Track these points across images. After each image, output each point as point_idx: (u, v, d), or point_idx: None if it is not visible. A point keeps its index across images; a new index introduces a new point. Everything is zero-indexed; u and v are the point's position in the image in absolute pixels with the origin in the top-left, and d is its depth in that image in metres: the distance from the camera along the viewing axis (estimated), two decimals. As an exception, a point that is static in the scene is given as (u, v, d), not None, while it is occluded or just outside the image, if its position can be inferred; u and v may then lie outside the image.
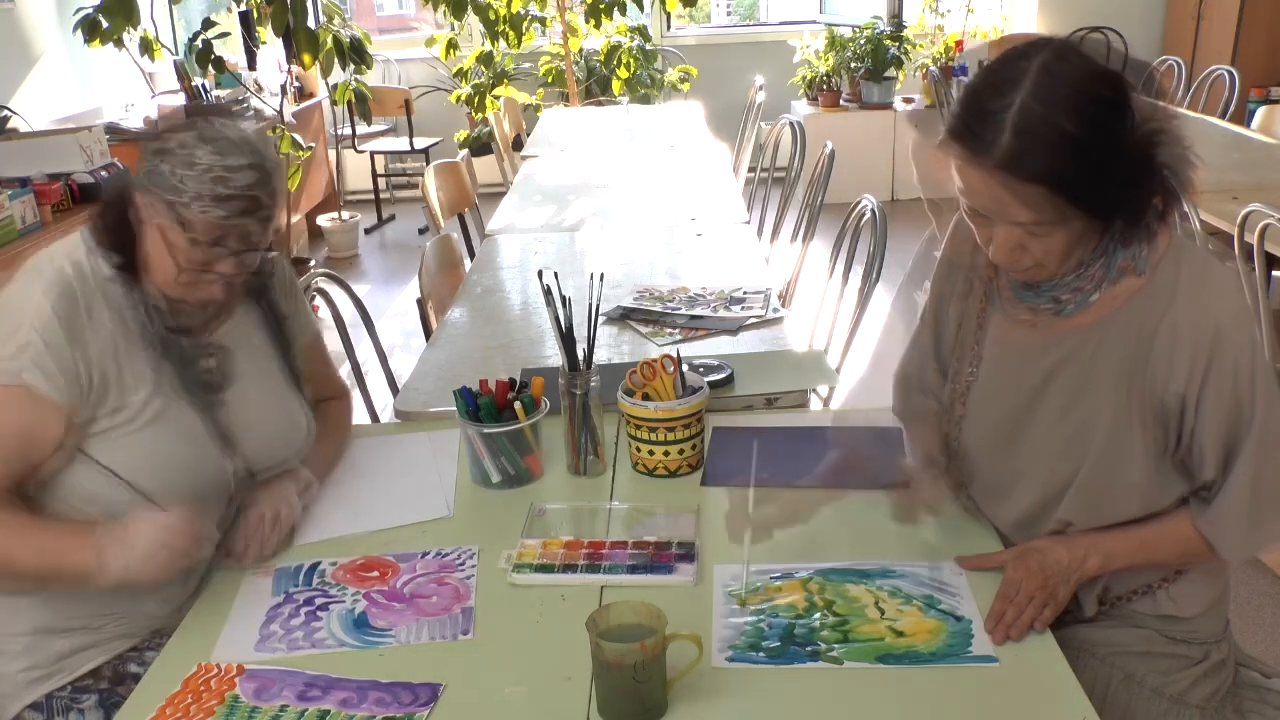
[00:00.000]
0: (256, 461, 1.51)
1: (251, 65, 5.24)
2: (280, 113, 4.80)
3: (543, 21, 5.88)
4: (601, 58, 6.21)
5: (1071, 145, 1.09)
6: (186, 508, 1.33)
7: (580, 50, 6.34)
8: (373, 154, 6.44)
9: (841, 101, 6.54)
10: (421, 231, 6.21)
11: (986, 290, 1.38)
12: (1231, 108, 4.78)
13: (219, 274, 1.36)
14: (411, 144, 6.29)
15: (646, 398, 1.61)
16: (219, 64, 4.29)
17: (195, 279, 1.36)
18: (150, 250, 1.36)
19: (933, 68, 6.33)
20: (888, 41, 6.28)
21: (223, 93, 5.06)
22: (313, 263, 5.44)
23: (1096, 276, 1.23)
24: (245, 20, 4.77)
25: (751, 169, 4.46)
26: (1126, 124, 1.12)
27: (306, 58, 4.04)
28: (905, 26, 6.48)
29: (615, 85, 6.09)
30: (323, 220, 5.99)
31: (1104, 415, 1.25)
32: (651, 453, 1.60)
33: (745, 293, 2.41)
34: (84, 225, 1.42)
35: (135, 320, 1.38)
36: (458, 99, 5.96)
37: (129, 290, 1.38)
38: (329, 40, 4.29)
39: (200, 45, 4.23)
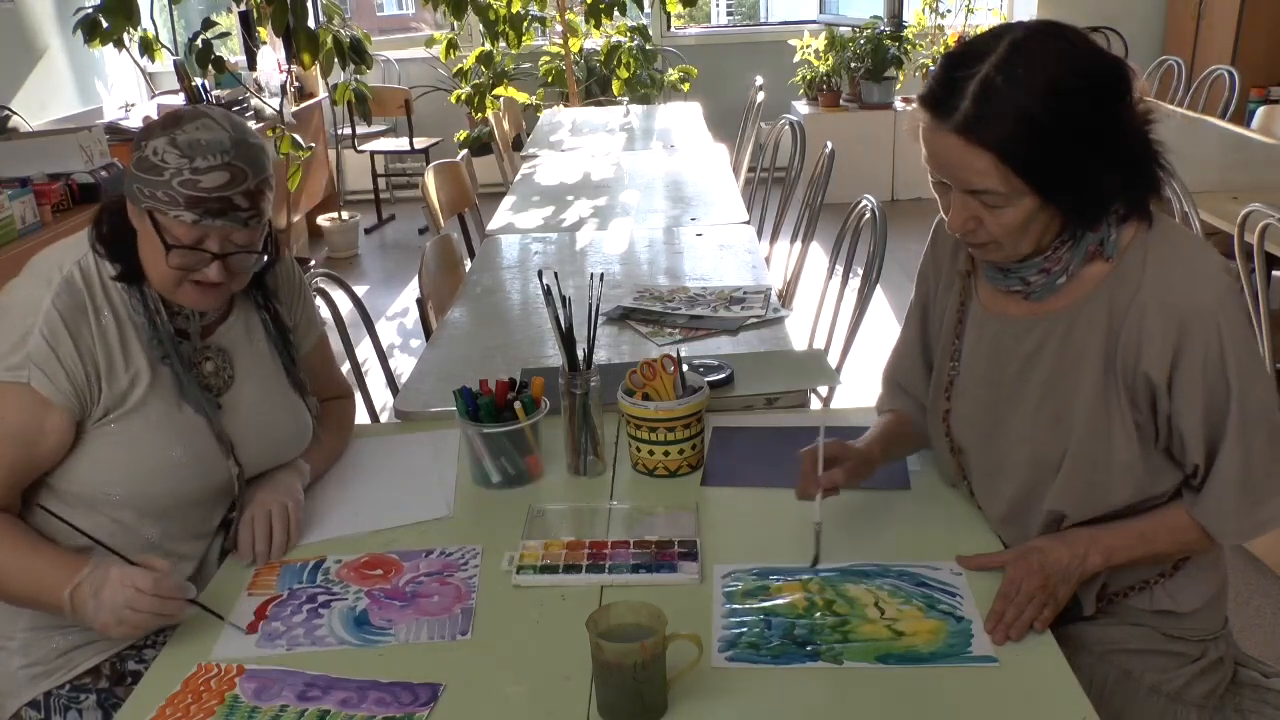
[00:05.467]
0: (258, 464, 1.52)
1: (251, 65, 5.25)
2: (280, 113, 4.80)
3: (543, 21, 5.88)
4: (601, 58, 6.21)
5: (1025, 121, 1.12)
6: (178, 523, 1.38)
7: (580, 50, 6.34)
8: (373, 154, 6.44)
9: (841, 101, 6.53)
10: (421, 231, 6.21)
11: (964, 285, 1.41)
12: (1231, 108, 4.78)
13: (206, 278, 1.36)
14: (411, 144, 6.29)
15: (646, 398, 1.61)
16: (219, 64, 4.29)
17: (183, 280, 1.36)
18: (143, 254, 1.38)
19: (933, 67, 6.33)
20: (888, 41, 6.28)
21: (223, 93, 5.07)
22: (313, 263, 5.45)
23: (1063, 260, 1.25)
24: (245, 20, 4.78)
25: (751, 169, 4.46)
26: (1096, 112, 1.13)
27: (306, 58, 4.04)
28: (905, 26, 6.48)
29: (615, 85, 6.09)
30: (323, 220, 6.00)
31: (1083, 398, 1.26)
32: (651, 453, 1.60)
33: (745, 293, 2.40)
34: (88, 228, 1.43)
35: (139, 323, 1.39)
36: (458, 99, 5.96)
37: (131, 293, 1.40)
38: (329, 40, 4.29)
39: (200, 45, 4.23)
